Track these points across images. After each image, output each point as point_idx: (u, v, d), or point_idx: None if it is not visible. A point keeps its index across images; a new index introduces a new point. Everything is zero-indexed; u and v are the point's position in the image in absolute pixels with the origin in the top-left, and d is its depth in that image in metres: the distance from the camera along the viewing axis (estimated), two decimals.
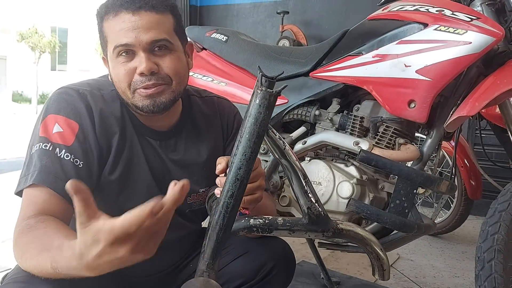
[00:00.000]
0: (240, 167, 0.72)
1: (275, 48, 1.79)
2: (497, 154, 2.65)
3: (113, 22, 0.91)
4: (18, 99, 17.64)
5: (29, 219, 0.83)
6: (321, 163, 1.48)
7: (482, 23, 1.27)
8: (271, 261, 1.05)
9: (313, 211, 0.81)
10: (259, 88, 0.71)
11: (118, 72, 0.93)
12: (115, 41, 0.91)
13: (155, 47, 0.92)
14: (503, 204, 1.20)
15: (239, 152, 0.73)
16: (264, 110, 0.70)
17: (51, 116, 0.92)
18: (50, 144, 0.89)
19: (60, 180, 0.87)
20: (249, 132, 0.71)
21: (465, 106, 1.28)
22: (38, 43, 17.67)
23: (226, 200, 0.74)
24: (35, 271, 0.73)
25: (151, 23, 0.91)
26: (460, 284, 2.05)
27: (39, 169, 0.87)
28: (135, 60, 0.92)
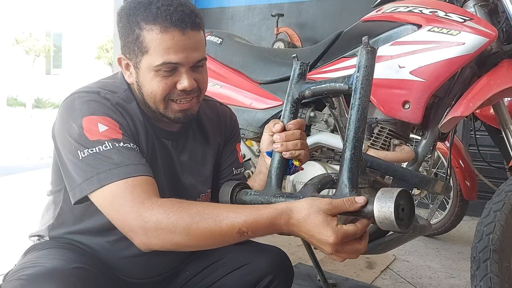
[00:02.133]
0: (364, 107, 0.86)
1: (270, 50, 1.79)
2: (492, 155, 2.66)
3: (161, 36, 0.91)
4: (13, 103, 17.56)
5: (154, 202, 0.83)
6: (316, 165, 1.48)
7: (475, 24, 1.28)
8: (269, 273, 1.04)
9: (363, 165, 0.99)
10: (369, 46, 0.87)
11: (157, 84, 0.94)
12: (162, 57, 0.91)
13: (196, 66, 0.97)
14: (498, 204, 1.21)
15: (361, 95, 0.86)
16: (373, 61, 0.87)
17: (88, 118, 0.90)
18: (107, 143, 0.88)
19: (139, 165, 0.88)
20: (365, 77, 0.86)
21: (459, 107, 1.29)
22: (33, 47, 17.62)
23: (357, 135, 0.85)
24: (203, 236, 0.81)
25: (197, 42, 0.95)
26: (456, 284, 2.05)
27: (117, 166, 0.86)
28: (177, 75, 0.94)
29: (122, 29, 0.96)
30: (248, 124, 1.67)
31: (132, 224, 0.83)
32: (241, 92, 1.72)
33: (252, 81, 1.73)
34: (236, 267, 1.05)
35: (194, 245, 0.83)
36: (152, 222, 0.81)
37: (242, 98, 1.71)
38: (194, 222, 0.80)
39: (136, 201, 0.83)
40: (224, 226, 0.80)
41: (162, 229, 0.81)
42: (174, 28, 0.91)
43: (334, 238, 0.76)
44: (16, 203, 3.01)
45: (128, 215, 0.83)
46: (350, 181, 0.83)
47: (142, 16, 0.92)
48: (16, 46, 17.70)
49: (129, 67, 0.99)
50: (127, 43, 0.96)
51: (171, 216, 0.81)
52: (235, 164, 1.17)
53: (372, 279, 2.04)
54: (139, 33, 0.92)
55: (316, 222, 0.77)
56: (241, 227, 0.79)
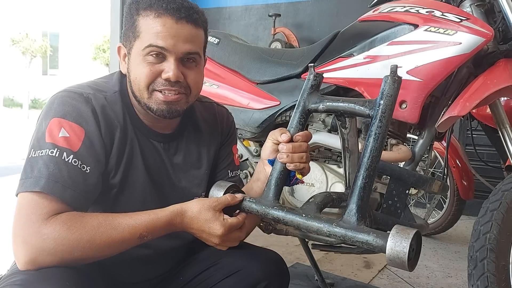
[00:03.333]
0: (381, 133, 0.86)
1: (267, 51, 1.79)
2: (489, 154, 2.67)
3: (153, 21, 0.92)
4: (9, 104, 17.50)
5: (56, 218, 0.83)
6: (314, 165, 1.48)
7: (471, 23, 1.28)
8: (264, 279, 1.01)
9: None
10: (396, 76, 0.87)
11: (142, 70, 0.94)
12: (150, 40, 0.92)
13: (185, 58, 0.96)
14: (495, 203, 1.21)
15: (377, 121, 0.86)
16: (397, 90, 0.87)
17: (56, 120, 0.89)
18: (56, 150, 0.87)
19: (68, 189, 0.86)
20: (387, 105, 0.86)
21: (456, 106, 1.29)
22: (29, 47, 17.58)
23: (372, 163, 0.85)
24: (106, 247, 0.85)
25: (190, 35, 0.95)
26: (453, 284, 2.05)
27: (46, 177, 0.84)
28: (164, 64, 0.94)
29: (125, 18, 0.99)
30: (246, 124, 1.67)
31: (28, 241, 0.81)
32: (238, 92, 1.72)
33: (249, 81, 1.73)
34: (231, 273, 1.03)
35: (94, 256, 0.85)
36: (51, 239, 0.81)
37: (239, 98, 1.71)
38: (97, 234, 0.84)
39: (39, 218, 0.83)
40: (126, 234, 0.86)
41: (63, 245, 0.81)
42: (168, 15, 0.92)
43: (222, 230, 0.90)
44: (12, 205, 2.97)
45: (27, 229, 0.82)
46: (360, 211, 0.82)
47: (142, 3, 0.94)
48: (12, 47, 17.65)
49: (125, 57, 1.00)
50: (125, 30, 0.98)
51: (73, 227, 0.82)
52: (230, 167, 1.17)
53: (369, 279, 2.04)
54: (136, 19, 0.95)
55: (207, 218, 0.91)
56: (142, 232, 0.87)
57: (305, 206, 0.90)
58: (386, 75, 0.88)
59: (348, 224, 0.81)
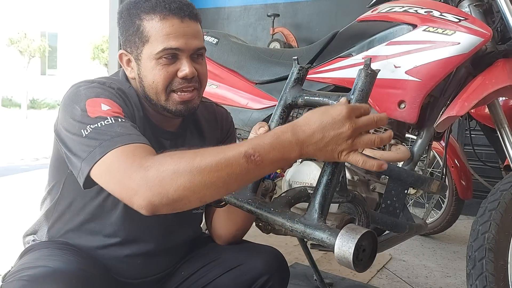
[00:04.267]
0: None
1: (265, 50, 1.79)
2: (487, 154, 2.67)
3: (160, 24, 0.93)
4: (8, 104, 17.46)
5: (154, 154, 0.79)
6: (312, 165, 1.48)
7: (470, 23, 1.28)
8: (264, 274, 1.03)
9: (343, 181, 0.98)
10: (369, 69, 0.83)
11: (158, 73, 0.95)
12: (163, 43, 0.93)
13: (195, 54, 0.98)
14: (493, 203, 1.21)
15: None
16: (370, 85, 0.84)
17: (91, 100, 0.89)
18: (110, 118, 0.86)
19: (141, 136, 0.85)
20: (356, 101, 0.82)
21: (454, 106, 1.29)
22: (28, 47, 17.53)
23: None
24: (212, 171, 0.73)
25: (196, 31, 0.98)
26: (452, 283, 2.06)
27: (120, 135, 0.82)
28: (177, 64, 0.96)
29: (123, 24, 0.99)
30: (244, 124, 1.67)
31: (132, 178, 0.75)
32: (237, 92, 1.72)
33: (248, 81, 1.73)
34: (232, 267, 1.05)
35: (200, 183, 0.73)
36: (155, 167, 0.74)
37: (238, 98, 1.71)
38: (197, 156, 0.75)
39: (137, 157, 0.78)
40: (229, 153, 0.74)
41: (165, 171, 0.73)
42: (173, 15, 0.94)
43: (345, 109, 0.77)
44: (11, 205, 3.00)
45: (127, 171, 0.76)
46: (321, 208, 0.81)
47: (142, 8, 0.95)
48: (10, 47, 17.61)
49: (130, 63, 1.00)
50: (128, 36, 0.98)
51: (174, 157, 0.76)
52: None
53: (368, 279, 2.04)
54: (140, 24, 0.95)
55: (322, 110, 0.79)
56: (247, 150, 0.74)
57: (276, 201, 0.89)
58: (360, 68, 0.84)
59: (308, 221, 0.80)
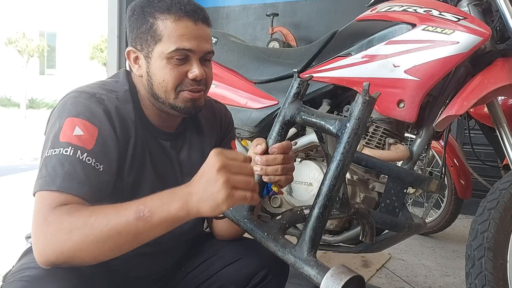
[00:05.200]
0: (344, 160, 0.79)
1: (265, 50, 1.79)
2: (486, 153, 2.67)
3: (174, 25, 0.95)
4: (6, 104, 17.44)
5: (61, 207, 0.81)
6: (312, 164, 1.49)
7: (469, 23, 1.28)
8: (264, 268, 1.04)
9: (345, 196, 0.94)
10: (366, 95, 0.79)
11: (169, 72, 0.96)
12: (176, 44, 0.94)
13: (204, 58, 1.00)
14: (492, 202, 1.21)
15: (341, 147, 0.80)
16: (367, 112, 0.80)
17: (70, 119, 0.90)
18: (71, 148, 0.87)
19: (83, 185, 0.86)
20: (352, 130, 0.79)
21: (453, 106, 1.29)
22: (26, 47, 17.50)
23: (330, 193, 0.80)
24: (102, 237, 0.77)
25: (207, 35, 1.00)
26: (451, 282, 2.06)
27: (62, 176, 0.84)
28: (187, 65, 0.97)
29: (135, 21, 0.99)
30: (244, 123, 1.67)
31: (36, 232, 0.81)
32: (236, 92, 1.72)
33: (247, 80, 1.73)
34: (231, 261, 1.06)
35: (92, 243, 0.77)
36: (55, 224, 0.79)
37: (237, 97, 1.71)
38: (92, 215, 0.78)
39: (48, 209, 0.81)
40: (121, 210, 0.78)
41: (62, 230, 0.78)
42: (187, 17, 0.95)
43: (218, 158, 0.76)
44: (10, 204, 2.99)
45: (37, 221, 0.81)
46: (311, 241, 0.80)
47: (157, 7, 0.96)
48: (9, 46, 17.58)
49: (137, 60, 1.01)
50: (139, 34, 0.98)
51: (73, 215, 0.79)
52: None
53: (367, 278, 2.04)
54: (153, 22, 0.96)
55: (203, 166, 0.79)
56: (138, 205, 0.78)
57: (271, 224, 0.88)
58: (358, 94, 0.80)
59: (299, 253, 0.80)
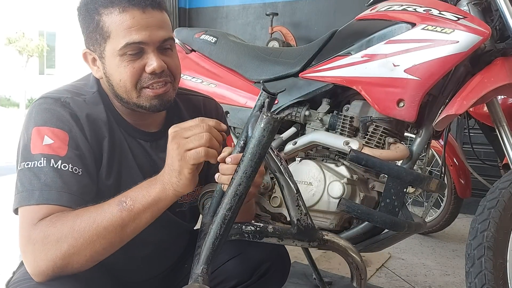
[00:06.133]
0: (240, 183, 0.75)
1: (264, 49, 1.79)
2: (486, 153, 2.67)
3: (120, 17, 0.87)
4: (6, 103, 17.43)
5: (43, 220, 0.81)
6: (311, 163, 1.48)
7: (469, 22, 1.28)
8: (266, 261, 1.05)
9: (302, 222, 0.87)
10: (265, 113, 0.72)
11: (124, 70, 0.90)
12: (125, 38, 0.87)
13: (163, 47, 0.92)
14: (492, 202, 1.21)
15: (240, 170, 0.75)
16: (268, 134, 0.72)
17: (37, 129, 0.87)
18: (43, 159, 0.84)
19: (63, 193, 0.84)
20: (252, 153, 0.74)
21: (453, 105, 1.29)
22: (26, 47, 17.48)
23: (224, 212, 0.76)
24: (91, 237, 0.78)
25: (160, 21, 0.91)
26: (451, 282, 2.06)
27: (39, 189, 0.83)
28: (144, 58, 0.90)
29: (83, 21, 0.94)
30: (243, 123, 1.66)
31: (24, 250, 0.80)
32: (236, 91, 1.72)
33: (247, 80, 1.73)
34: (234, 255, 1.06)
35: (83, 245, 0.78)
36: (40, 240, 0.78)
37: (237, 97, 1.71)
38: (78, 218, 0.79)
39: (30, 226, 0.81)
40: (105, 206, 0.81)
41: (49, 243, 0.78)
42: (133, 7, 0.88)
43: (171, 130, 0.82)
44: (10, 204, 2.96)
45: (22, 240, 0.81)
46: (206, 259, 0.78)
47: (100, 2, 0.90)
48: (9, 46, 17.57)
49: (95, 61, 0.96)
50: (88, 34, 0.93)
51: (57, 224, 0.79)
52: None
53: (367, 277, 2.04)
54: (99, 19, 0.89)
55: None
56: (120, 198, 0.81)
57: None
58: (262, 113, 0.73)
59: (196, 269, 0.79)
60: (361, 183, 1.46)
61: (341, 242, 0.95)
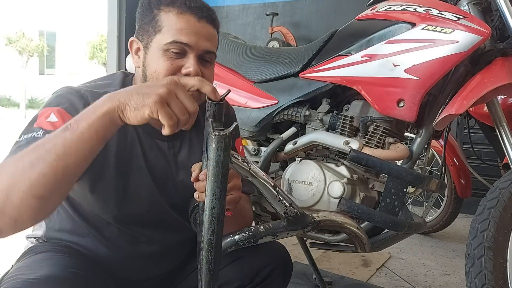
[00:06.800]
0: (213, 206, 0.74)
1: (264, 49, 1.79)
2: (486, 153, 2.68)
3: (176, 18, 0.94)
4: (6, 103, 17.45)
5: None
6: (311, 163, 1.48)
7: (468, 22, 1.28)
8: (268, 265, 1.04)
9: (289, 213, 0.85)
10: (212, 134, 0.70)
11: (162, 64, 0.94)
12: (174, 36, 0.93)
13: (203, 57, 0.97)
14: (492, 201, 1.21)
15: (209, 193, 0.74)
16: (223, 152, 0.70)
17: (48, 108, 0.90)
18: (42, 131, 0.85)
19: None
20: (214, 175, 0.72)
21: (453, 105, 1.29)
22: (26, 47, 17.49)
23: (208, 237, 0.75)
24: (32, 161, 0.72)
25: (209, 34, 0.97)
26: (451, 281, 2.06)
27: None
28: (183, 60, 0.95)
29: (141, 12, 0.99)
30: (243, 123, 1.66)
31: None
32: (236, 91, 1.72)
33: (247, 80, 1.73)
34: (236, 258, 1.05)
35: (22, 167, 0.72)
36: None
37: (237, 97, 1.71)
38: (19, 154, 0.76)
39: None
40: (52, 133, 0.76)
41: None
42: (190, 13, 0.94)
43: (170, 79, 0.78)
44: None
45: None
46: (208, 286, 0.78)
47: (163, 0, 0.96)
48: (9, 46, 17.58)
49: (138, 51, 1.00)
50: (142, 24, 0.98)
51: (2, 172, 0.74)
52: None
53: (367, 277, 2.05)
54: (157, 14, 0.96)
55: None
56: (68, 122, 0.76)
57: None
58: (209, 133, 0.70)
59: None
60: (361, 183, 1.46)
61: (333, 217, 0.95)
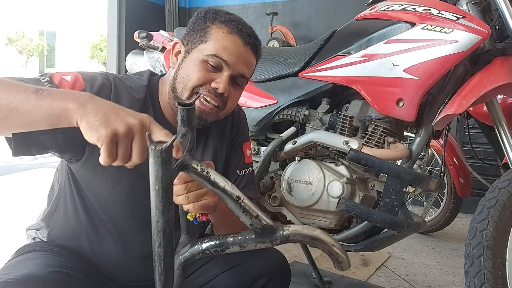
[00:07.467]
0: (157, 220, 0.72)
1: (264, 49, 1.78)
2: (485, 152, 2.68)
3: (225, 35, 0.99)
4: None
5: None
6: (311, 163, 1.49)
7: (468, 22, 1.28)
8: (265, 275, 1.02)
9: (256, 225, 0.82)
10: (150, 147, 0.67)
11: (197, 71, 0.98)
12: (216, 51, 0.98)
13: (236, 79, 1.02)
14: (491, 201, 1.21)
15: (153, 207, 0.72)
16: (161, 166, 0.68)
17: (75, 72, 0.92)
18: (47, 79, 0.85)
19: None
20: (155, 190, 0.70)
21: (452, 104, 1.29)
22: (26, 46, 17.51)
23: (156, 250, 0.74)
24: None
25: (249, 60, 1.03)
26: (450, 281, 2.06)
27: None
28: (217, 75, 0.99)
29: (194, 21, 1.05)
30: None
31: None
32: None
33: None
34: (233, 266, 1.04)
35: None
36: None
37: None
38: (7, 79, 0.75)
39: None
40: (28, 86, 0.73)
41: None
42: (239, 36, 1.00)
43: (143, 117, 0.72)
44: (9, 204, 2.99)
45: None
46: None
47: (219, 16, 1.02)
48: (9, 46, 17.59)
49: (178, 54, 1.04)
50: (192, 31, 1.03)
51: None
52: (240, 166, 1.16)
53: (367, 277, 2.05)
54: (209, 26, 1.01)
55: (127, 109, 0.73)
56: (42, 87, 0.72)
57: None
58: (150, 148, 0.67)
59: None
60: (360, 182, 1.46)
61: (305, 231, 0.88)
